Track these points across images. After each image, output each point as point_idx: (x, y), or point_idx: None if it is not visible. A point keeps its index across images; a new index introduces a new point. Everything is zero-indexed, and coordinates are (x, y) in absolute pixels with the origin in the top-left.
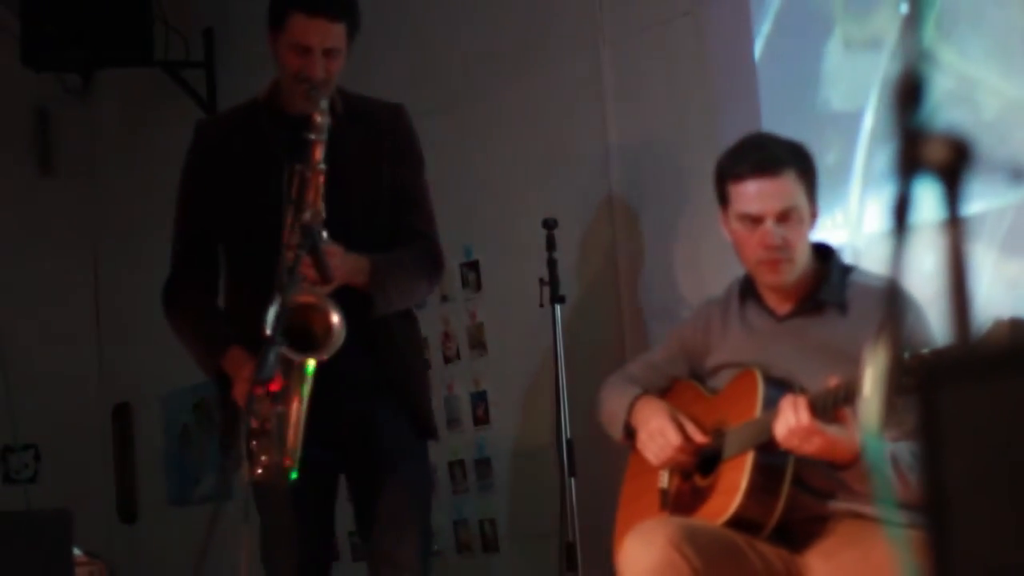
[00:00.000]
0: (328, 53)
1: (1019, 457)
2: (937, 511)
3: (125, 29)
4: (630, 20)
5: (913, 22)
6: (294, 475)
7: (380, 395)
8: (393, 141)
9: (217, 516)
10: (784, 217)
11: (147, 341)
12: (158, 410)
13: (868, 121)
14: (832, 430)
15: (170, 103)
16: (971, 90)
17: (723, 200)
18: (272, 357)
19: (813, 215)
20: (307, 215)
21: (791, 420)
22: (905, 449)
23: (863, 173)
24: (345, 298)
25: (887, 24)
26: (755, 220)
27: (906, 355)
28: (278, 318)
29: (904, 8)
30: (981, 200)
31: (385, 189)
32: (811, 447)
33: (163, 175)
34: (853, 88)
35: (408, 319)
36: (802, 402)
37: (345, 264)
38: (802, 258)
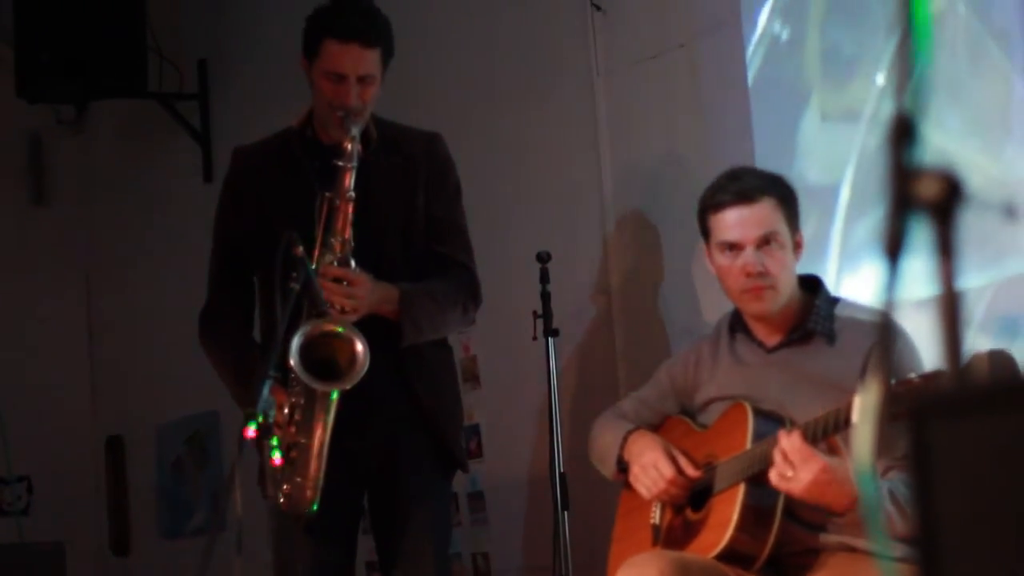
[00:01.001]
0: (362, 80)
1: (1009, 491)
2: (928, 544)
3: (119, 60)
4: (625, 52)
5: (905, 61)
6: (315, 507)
7: (407, 425)
8: (428, 169)
9: (210, 549)
10: (764, 243)
11: (140, 373)
12: (151, 442)
13: (845, 194)
14: (826, 458)
15: (164, 135)
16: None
17: (705, 233)
18: (265, 391)
19: (797, 244)
20: (336, 243)
21: (784, 444)
22: (900, 482)
23: (840, 246)
24: (376, 327)
25: (863, 95)
26: (735, 248)
27: (893, 382)
28: (271, 354)
29: (880, 80)
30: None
31: (420, 218)
32: (806, 474)
33: (157, 206)
34: (830, 161)
35: (442, 348)
36: (795, 431)
37: (373, 294)
38: (786, 286)
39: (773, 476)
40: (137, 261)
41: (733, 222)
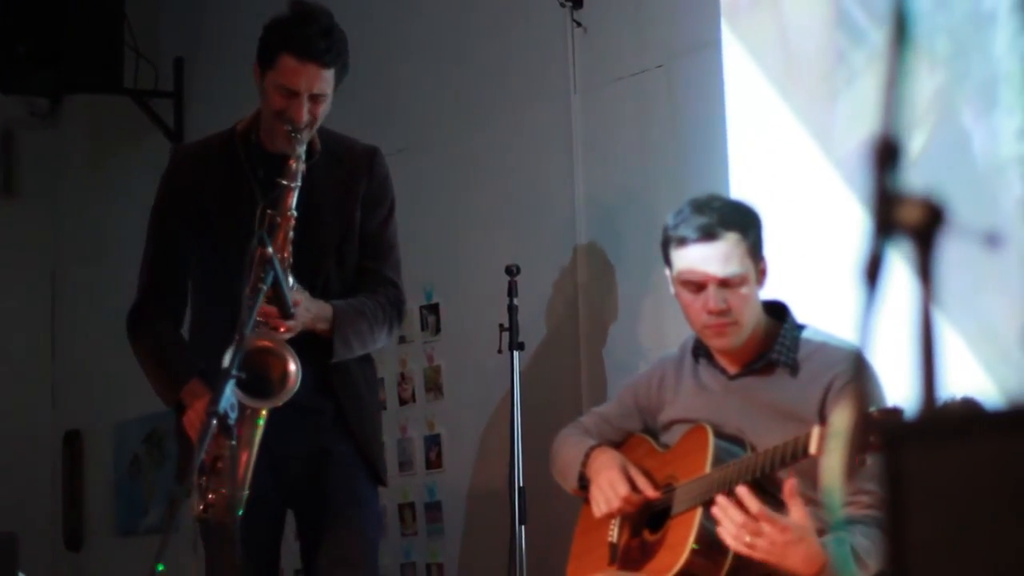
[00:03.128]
0: (314, 98)
1: (982, 519)
2: (900, 572)
3: (96, 56)
4: (602, 70)
5: (892, 83)
6: (240, 512)
7: (334, 436)
8: (368, 185)
9: (164, 548)
10: (727, 283)
11: (101, 369)
12: (109, 439)
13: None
14: (785, 519)
15: (137, 132)
16: None
17: (668, 263)
18: (228, 390)
19: (761, 272)
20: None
21: (736, 516)
22: (858, 531)
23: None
24: (304, 341)
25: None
26: (698, 287)
27: (872, 410)
28: (236, 353)
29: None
30: None
31: (355, 233)
32: (763, 542)
33: (125, 203)
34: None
35: (367, 362)
36: (743, 491)
37: (308, 311)
38: (749, 320)
39: (728, 538)
40: (103, 257)
41: (695, 261)
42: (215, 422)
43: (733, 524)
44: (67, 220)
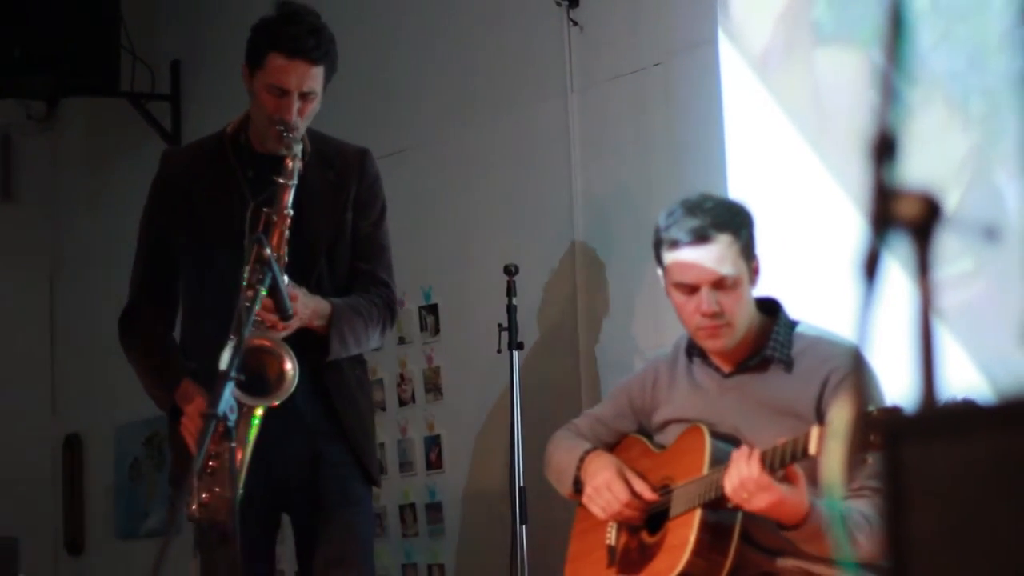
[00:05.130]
0: (304, 96)
1: (981, 513)
2: (899, 566)
3: (92, 58)
4: (599, 69)
5: (887, 79)
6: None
7: (328, 438)
8: (359, 187)
9: (164, 551)
10: (719, 284)
11: (101, 373)
12: (109, 443)
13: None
14: (782, 488)
15: (134, 134)
16: None
17: (660, 264)
18: (227, 392)
19: (754, 271)
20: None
21: (743, 471)
22: (854, 510)
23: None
24: (299, 340)
25: None
26: (690, 289)
27: (872, 409)
28: (235, 354)
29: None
30: None
31: (347, 234)
32: (760, 502)
33: (123, 206)
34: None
35: (359, 363)
36: (755, 455)
37: (307, 307)
38: (743, 321)
39: (728, 487)
40: (102, 260)
41: (688, 263)
42: (214, 424)
43: (739, 477)
44: (65, 223)
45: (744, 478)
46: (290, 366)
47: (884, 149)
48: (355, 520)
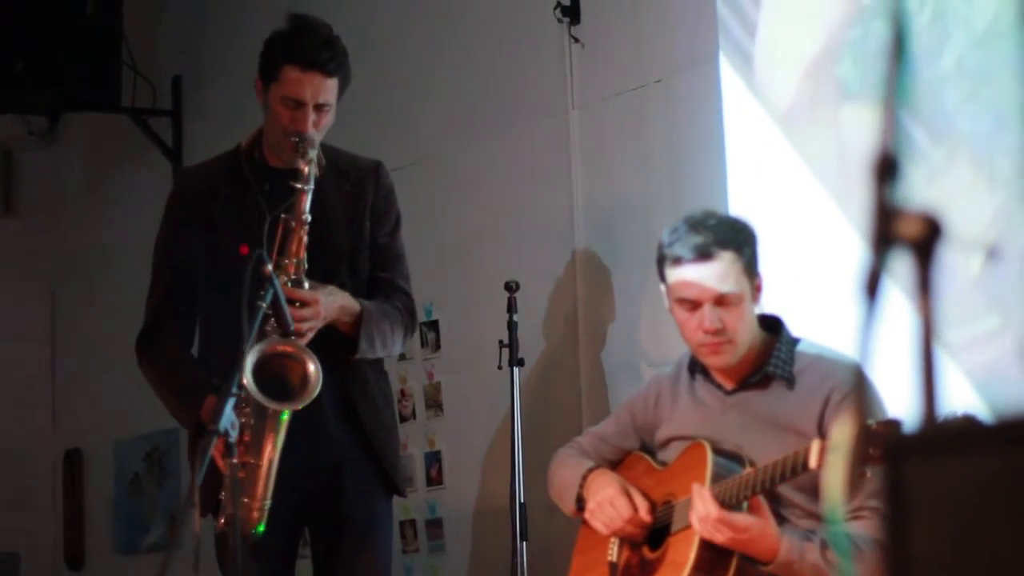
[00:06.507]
0: (319, 108)
1: (983, 532)
2: None
3: (94, 74)
4: (600, 85)
5: (891, 99)
6: (261, 528)
7: (351, 447)
8: (375, 197)
9: (166, 566)
10: (721, 301)
11: (102, 388)
12: (109, 457)
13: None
14: (743, 519)
15: (135, 150)
16: None
17: (663, 280)
18: (228, 408)
19: (757, 289)
20: (290, 265)
21: (699, 508)
22: (863, 528)
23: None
24: (326, 343)
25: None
26: (693, 305)
27: (871, 423)
28: (235, 372)
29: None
30: None
31: (366, 245)
32: (721, 536)
33: (124, 221)
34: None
35: (381, 375)
36: (705, 491)
37: (331, 304)
38: (745, 338)
39: (695, 522)
40: (103, 276)
41: (690, 280)
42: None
43: (697, 516)
44: (66, 238)
45: (701, 515)
46: (313, 367)
47: (886, 169)
48: (376, 540)
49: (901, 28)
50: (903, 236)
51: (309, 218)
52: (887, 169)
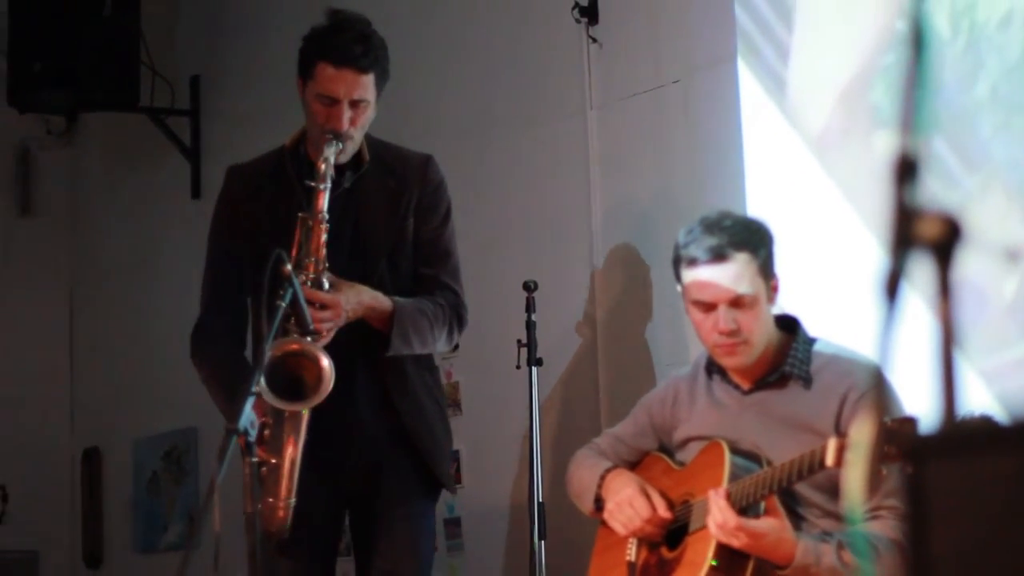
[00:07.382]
0: (355, 104)
1: (1004, 531)
2: None
3: (112, 73)
4: (619, 86)
5: (910, 96)
6: (287, 526)
7: (390, 444)
8: (421, 192)
9: (185, 565)
10: (737, 303)
11: (120, 386)
12: (128, 456)
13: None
14: (760, 525)
15: (153, 150)
16: None
17: (679, 280)
18: (247, 407)
19: (773, 289)
20: (309, 264)
21: (716, 515)
22: (880, 529)
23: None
24: (361, 341)
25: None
26: (708, 306)
27: (887, 420)
28: (256, 371)
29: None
30: None
31: (408, 241)
32: (737, 542)
33: (142, 221)
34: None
35: (428, 369)
36: (720, 496)
37: (355, 300)
38: (761, 338)
39: (712, 528)
40: (121, 275)
41: (705, 282)
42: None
43: (714, 523)
44: (84, 238)
45: (719, 522)
46: (326, 363)
47: (905, 170)
48: (413, 535)
49: (920, 24)
50: (923, 238)
51: (327, 216)
52: (906, 170)
